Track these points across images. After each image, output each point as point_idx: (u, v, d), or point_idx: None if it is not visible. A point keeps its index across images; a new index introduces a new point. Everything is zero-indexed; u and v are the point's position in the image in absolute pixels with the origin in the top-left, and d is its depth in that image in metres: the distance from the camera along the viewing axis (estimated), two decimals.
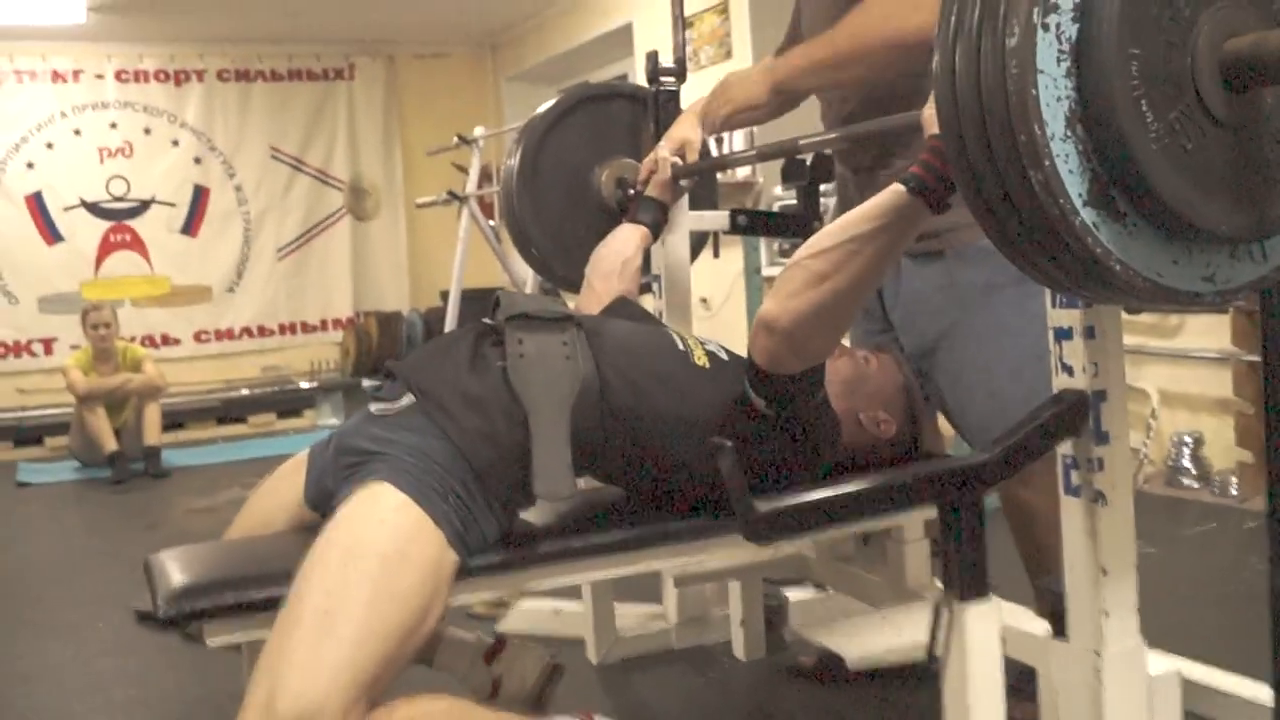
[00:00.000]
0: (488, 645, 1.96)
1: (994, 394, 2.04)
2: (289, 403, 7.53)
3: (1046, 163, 1.14)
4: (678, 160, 2.35)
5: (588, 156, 2.63)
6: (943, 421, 2.37)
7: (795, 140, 2.10)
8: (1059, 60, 1.15)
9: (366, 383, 7.31)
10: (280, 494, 1.83)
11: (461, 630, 1.99)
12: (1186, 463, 4.10)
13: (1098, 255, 1.18)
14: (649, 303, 2.59)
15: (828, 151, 2.30)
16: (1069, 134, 1.15)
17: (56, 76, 7.86)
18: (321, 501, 1.71)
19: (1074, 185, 1.16)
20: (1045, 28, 1.14)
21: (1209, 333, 4.05)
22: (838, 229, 1.60)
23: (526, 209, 2.58)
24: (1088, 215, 1.17)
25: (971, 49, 1.18)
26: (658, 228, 2.35)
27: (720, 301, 5.72)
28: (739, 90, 2.32)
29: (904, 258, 2.15)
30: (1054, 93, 1.15)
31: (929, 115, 1.59)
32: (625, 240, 2.28)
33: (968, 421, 2.15)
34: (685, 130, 2.40)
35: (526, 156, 2.58)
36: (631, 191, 2.50)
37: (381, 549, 1.50)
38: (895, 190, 1.56)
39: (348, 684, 1.39)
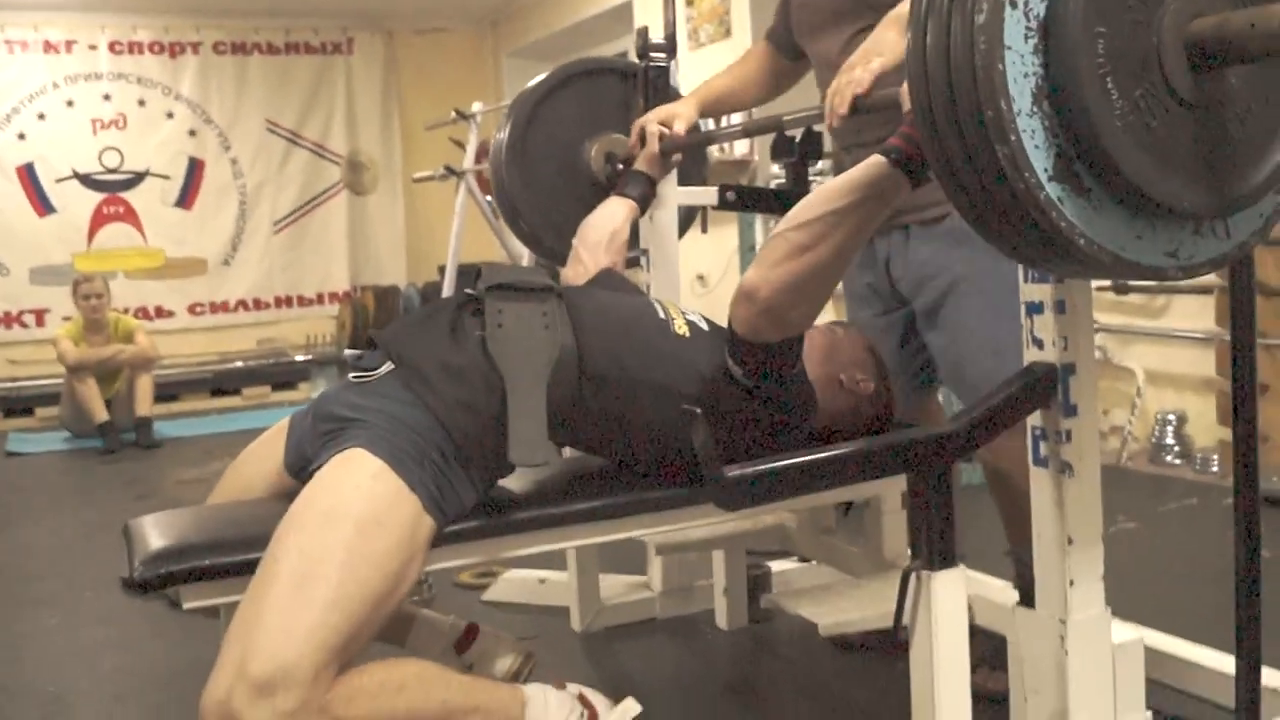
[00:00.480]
0: (460, 631, 1.97)
1: (997, 351, 2.04)
2: (284, 375, 7.55)
3: (1013, 138, 1.17)
4: (664, 130, 2.37)
5: (577, 131, 2.64)
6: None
7: (780, 116, 2.12)
8: (1026, 37, 1.17)
9: (348, 352, 7.32)
10: (260, 461, 1.86)
11: (435, 614, 2.00)
12: (1170, 440, 4.14)
13: (1062, 229, 1.20)
14: (639, 278, 2.61)
15: (817, 128, 2.32)
16: (1035, 110, 1.18)
17: (49, 47, 7.83)
18: (300, 468, 1.73)
19: (1039, 160, 1.18)
20: (1013, 5, 1.17)
21: (1194, 314, 4.08)
22: (818, 200, 1.63)
23: (516, 183, 2.60)
24: (1053, 190, 1.19)
25: (942, 26, 1.20)
26: (645, 201, 2.38)
27: (717, 278, 5.74)
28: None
29: (913, 227, 2.18)
30: (1021, 69, 1.17)
31: (905, 90, 1.61)
32: (612, 213, 2.30)
33: (965, 377, 2.15)
34: (677, 105, 2.43)
35: (516, 131, 2.60)
36: (620, 166, 2.53)
37: (357, 513, 1.52)
38: (875, 162, 1.59)
39: (319, 646, 1.42)
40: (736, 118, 4.85)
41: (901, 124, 1.62)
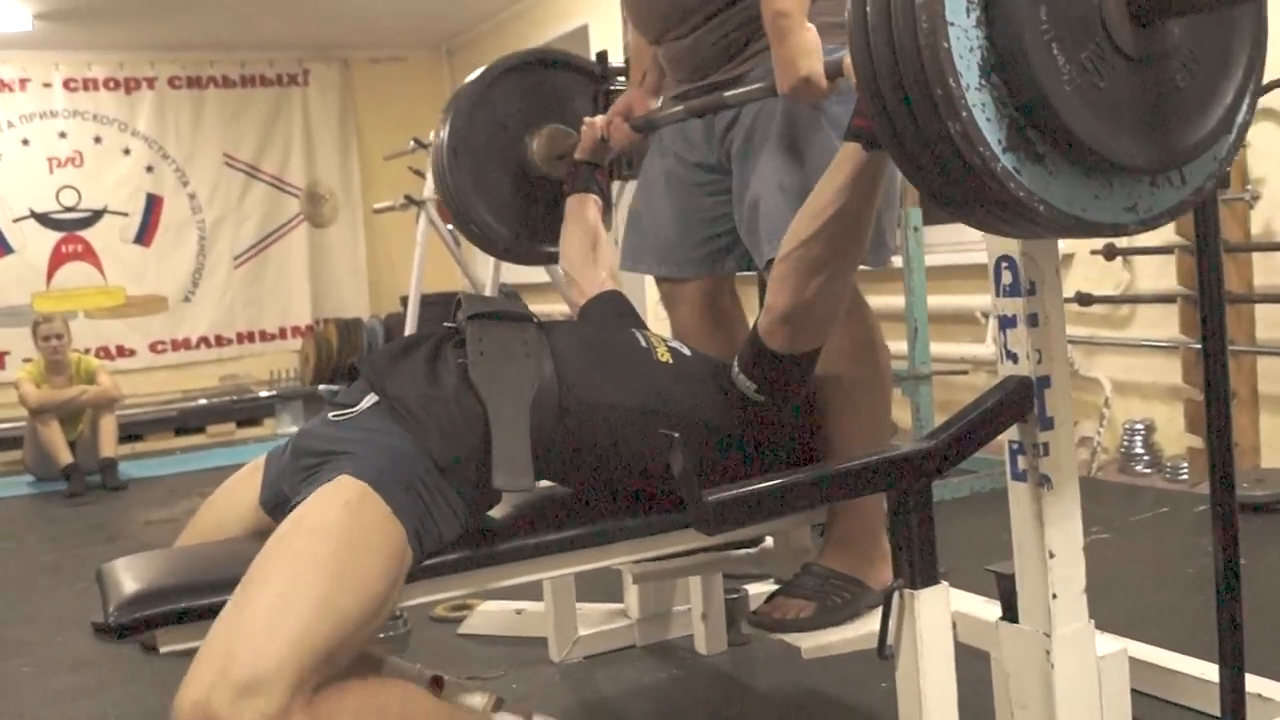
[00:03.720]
0: (427, 680, 1.95)
1: (782, 187, 2.02)
2: (248, 412, 7.49)
3: (964, 114, 1.17)
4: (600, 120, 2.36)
5: (517, 125, 2.59)
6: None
7: (720, 94, 2.06)
8: (968, 11, 1.17)
9: (323, 388, 7.27)
10: (235, 499, 1.83)
11: (404, 663, 1.97)
12: (1139, 449, 4.16)
13: (1021, 199, 1.21)
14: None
15: None
16: (984, 83, 1.18)
17: (3, 86, 7.76)
18: (276, 505, 1.70)
19: (992, 133, 1.19)
20: None
21: (1159, 322, 4.11)
22: (815, 211, 1.68)
23: (463, 185, 2.53)
24: (1008, 160, 1.20)
25: (882, 5, 1.20)
26: (601, 189, 2.38)
27: None
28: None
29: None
30: (966, 44, 1.17)
31: (849, 63, 1.61)
32: (579, 220, 2.32)
33: (759, 213, 2.09)
34: (630, 97, 2.40)
35: (456, 131, 2.54)
36: (567, 160, 2.49)
37: (346, 531, 1.51)
38: (851, 152, 1.62)
39: (306, 651, 1.39)
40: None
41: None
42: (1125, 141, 1.22)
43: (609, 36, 6.08)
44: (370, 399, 1.71)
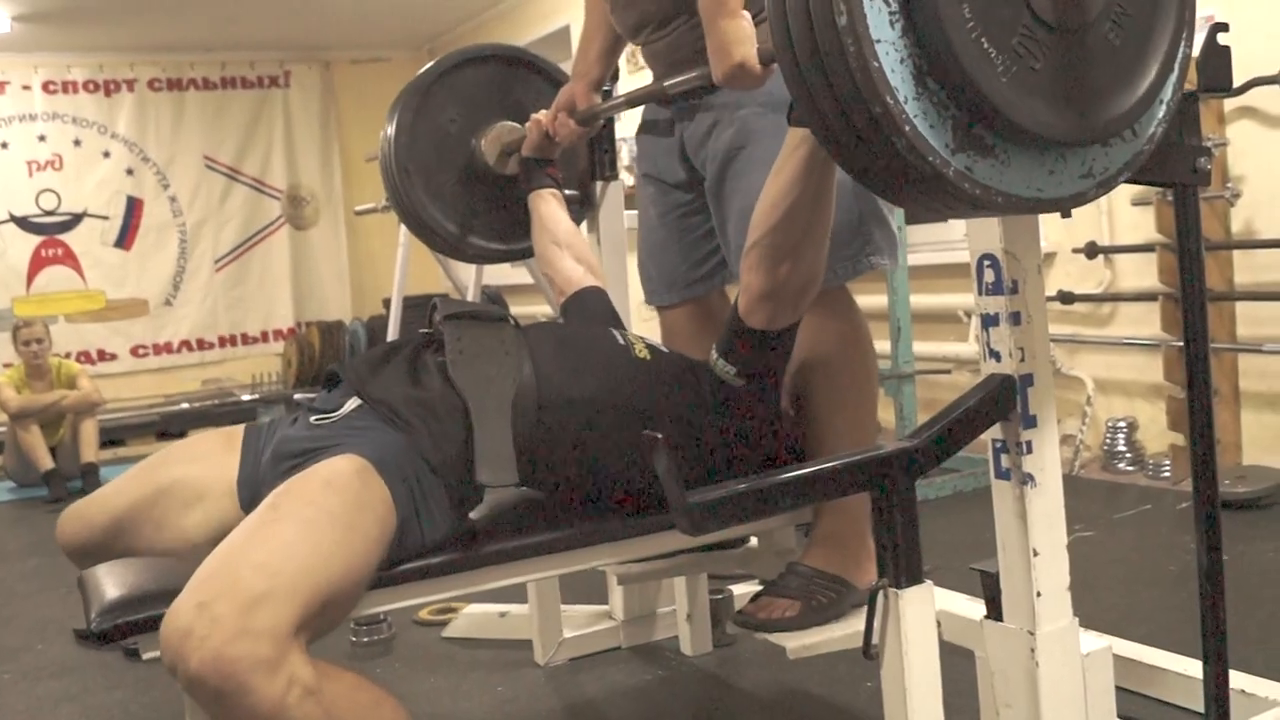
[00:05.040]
0: None
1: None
2: (230, 416, 7.44)
3: (907, 128, 1.17)
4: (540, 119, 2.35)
5: (465, 122, 2.57)
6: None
7: (661, 84, 2.04)
8: (892, 23, 1.17)
9: (299, 396, 7.23)
10: (207, 468, 1.77)
11: None
12: (1122, 447, 4.17)
13: (978, 195, 1.21)
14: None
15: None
16: (920, 91, 1.18)
17: None
18: (254, 505, 1.68)
19: (938, 138, 1.19)
20: None
21: (1140, 320, 4.12)
22: (775, 200, 1.70)
23: (416, 189, 2.52)
24: (959, 161, 1.20)
25: (805, 30, 1.19)
26: (556, 182, 2.38)
27: None
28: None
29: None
30: (896, 57, 1.17)
31: None
32: (539, 217, 2.32)
33: (730, 244, 2.11)
34: (574, 87, 2.38)
35: (402, 133, 2.51)
36: (517, 158, 2.48)
37: (357, 493, 1.51)
38: (801, 135, 1.63)
39: (310, 589, 1.38)
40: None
41: None
42: (1072, 116, 1.22)
43: None
44: (352, 403, 1.70)
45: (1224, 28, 1.60)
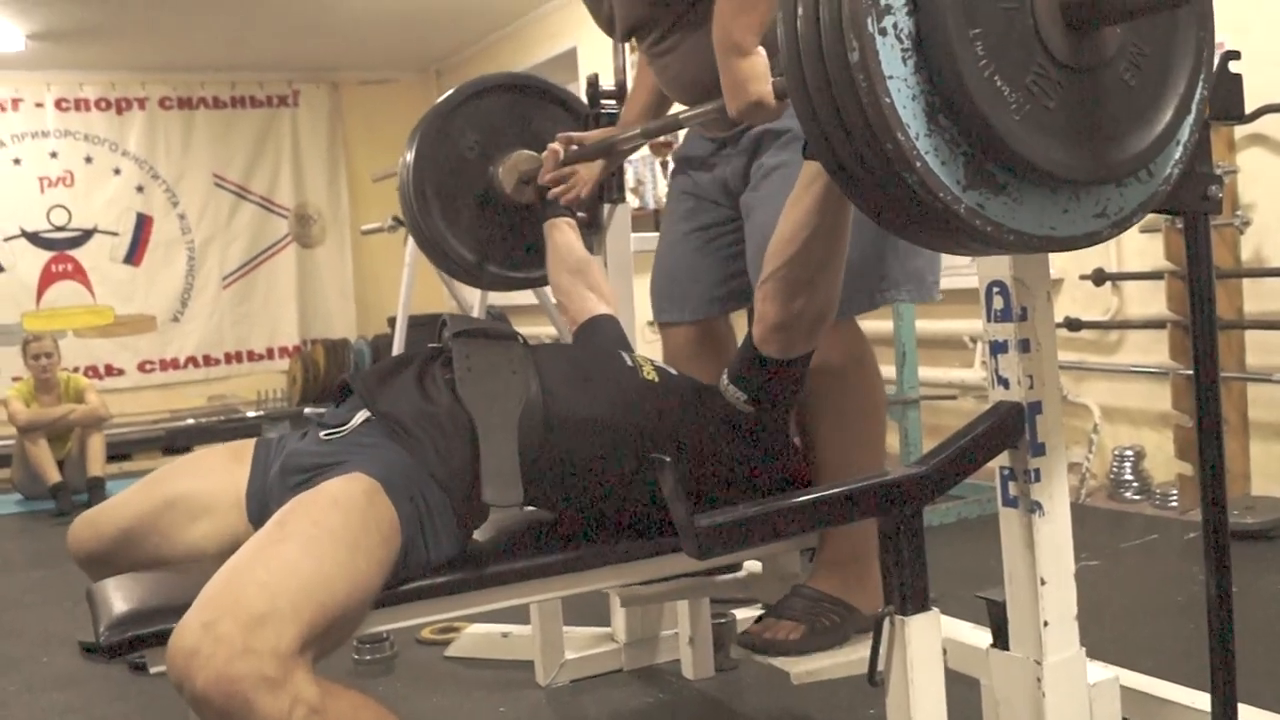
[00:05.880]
0: None
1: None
2: (235, 432, 7.43)
3: (918, 164, 1.16)
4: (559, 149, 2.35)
5: (484, 151, 2.58)
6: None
7: (676, 116, 2.05)
8: (904, 59, 1.16)
9: (308, 410, 7.24)
10: (215, 482, 1.77)
11: None
12: (1128, 476, 4.15)
13: (990, 233, 1.20)
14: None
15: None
16: (932, 128, 1.17)
17: None
18: (263, 520, 1.68)
19: (950, 175, 1.18)
20: (883, 33, 1.15)
21: (1148, 348, 4.12)
22: (790, 234, 1.70)
23: (435, 220, 2.53)
24: (970, 199, 1.19)
25: (817, 65, 1.19)
26: (571, 210, 2.38)
27: None
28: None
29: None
30: (908, 93, 1.16)
31: None
32: (555, 246, 2.32)
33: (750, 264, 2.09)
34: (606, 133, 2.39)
35: (421, 155, 2.53)
36: (534, 186, 2.48)
37: (363, 513, 1.50)
38: (816, 170, 1.63)
39: (315, 608, 1.38)
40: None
41: None
42: (1085, 155, 1.21)
43: (598, 59, 6.10)
44: (360, 416, 1.70)
45: (1235, 55, 1.60)
